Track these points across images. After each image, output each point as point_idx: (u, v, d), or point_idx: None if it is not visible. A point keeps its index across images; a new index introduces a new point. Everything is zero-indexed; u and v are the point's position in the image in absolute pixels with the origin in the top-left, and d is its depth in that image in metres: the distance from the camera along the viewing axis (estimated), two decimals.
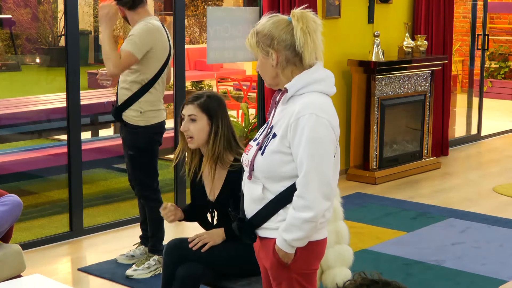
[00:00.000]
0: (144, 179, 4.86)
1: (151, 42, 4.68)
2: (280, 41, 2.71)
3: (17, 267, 4.14)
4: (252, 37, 2.75)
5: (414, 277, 4.86)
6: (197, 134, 3.46)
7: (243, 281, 3.58)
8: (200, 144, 3.50)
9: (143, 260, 4.90)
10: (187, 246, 3.52)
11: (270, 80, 2.79)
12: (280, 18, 2.76)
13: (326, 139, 2.67)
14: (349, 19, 7.55)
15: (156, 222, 4.88)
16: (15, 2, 14.28)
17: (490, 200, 6.83)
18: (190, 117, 3.46)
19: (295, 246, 2.69)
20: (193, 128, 3.45)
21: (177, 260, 3.52)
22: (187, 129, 3.46)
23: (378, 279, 1.72)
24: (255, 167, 2.75)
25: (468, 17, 11.87)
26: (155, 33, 4.71)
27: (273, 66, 2.74)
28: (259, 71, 2.80)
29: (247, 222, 2.80)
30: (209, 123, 3.46)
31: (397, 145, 7.75)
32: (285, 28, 2.72)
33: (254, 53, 2.77)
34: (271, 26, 2.73)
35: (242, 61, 6.99)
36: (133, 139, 4.80)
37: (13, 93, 11.07)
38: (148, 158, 4.84)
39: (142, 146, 4.81)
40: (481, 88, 9.91)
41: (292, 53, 2.72)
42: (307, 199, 2.64)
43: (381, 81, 7.36)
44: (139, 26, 4.69)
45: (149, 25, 4.69)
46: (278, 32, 2.71)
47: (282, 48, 2.71)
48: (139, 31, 4.66)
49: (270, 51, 2.72)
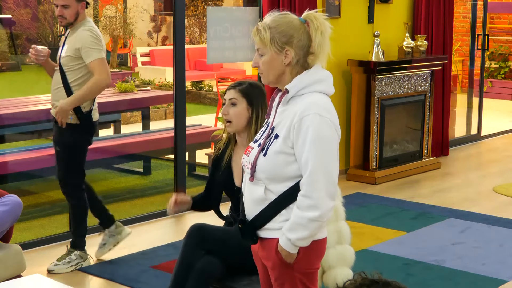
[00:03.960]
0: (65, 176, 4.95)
1: (102, 42, 4.89)
2: (299, 40, 2.72)
3: (17, 267, 4.14)
4: (265, 31, 2.72)
5: (414, 277, 4.86)
6: (236, 118, 3.52)
7: (244, 280, 3.59)
8: (238, 129, 3.55)
9: (64, 255, 4.98)
10: (211, 230, 3.65)
11: (274, 78, 2.77)
12: (293, 17, 2.76)
13: (331, 138, 2.68)
14: (349, 19, 7.55)
15: (77, 218, 4.99)
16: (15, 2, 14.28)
17: (490, 200, 6.82)
18: (231, 101, 3.53)
19: (299, 245, 2.69)
20: (232, 112, 3.52)
21: (199, 242, 3.62)
22: (227, 112, 3.53)
23: (378, 279, 1.72)
24: (257, 168, 2.74)
25: (468, 17, 11.87)
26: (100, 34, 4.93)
27: (284, 64, 2.74)
28: (262, 67, 2.76)
29: (249, 224, 2.80)
30: (249, 109, 3.53)
31: (397, 145, 7.75)
32: (301, 28, 2.73)
33: (261, 48, 2.74)
34: (287, 24, 2.73)
35: (242, 61, 6.99)
36: (62, 136, 4.91)
37: (13, 93, 11.08)
38: (72, 156, 4.96)
39: (68, 143, 4.89)
40: (481, 88, 9.91)
41: (305, 54, 2.74)
42: (313, 198, 2.64)
43: (381, 81, 7.36)
44: (86, 33, 4.82)
45: (94, 29, 4.87)
46: (296, 31, 2.72)
47: (298, 47, 2.72)
48: (91, 37, 4.80)
49: (286, 48, 2.71)
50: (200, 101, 12.90)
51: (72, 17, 4.81)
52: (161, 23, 18.22)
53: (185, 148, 6.41)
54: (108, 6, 15.17)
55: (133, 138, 7.89)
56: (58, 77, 4.87)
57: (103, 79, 4.77)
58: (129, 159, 7.85)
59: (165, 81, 13.28)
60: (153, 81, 13.29)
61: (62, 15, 4.78)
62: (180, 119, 6.24)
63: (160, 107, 10.72)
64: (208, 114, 11.24)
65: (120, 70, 13.86)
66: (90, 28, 4.83)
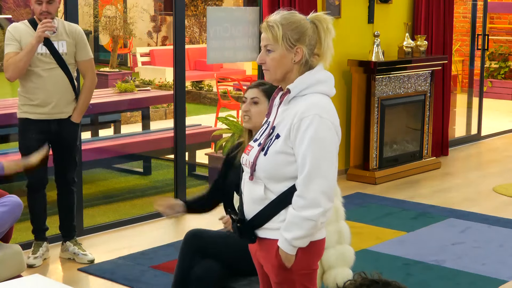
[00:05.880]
0: (74, 172, 5.09)
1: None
2: (310, 39, 2.73)
3: (17, 267, 4.14)
4: (278, 28, 2.70)
5: (414, 277, 4.86)
6: (256, 116, 3.52)
7: (244, 281, 3.58)
8: (256, 126, 3.54)
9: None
10: (208, 237, 3.61)
11: (280, 75, 2.76)
12: (301, 16, 2.77)
13: (330, 140, 2.68)
14: (349, 19, 7.55)
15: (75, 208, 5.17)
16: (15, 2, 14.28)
17: (490, 200, 6.82)
18: (253, 100, 3.54)
19: (297, 246, 2.68)
20: (254, 110, 3.53)
21: (196, 249, 3.60)
22: (248, 109, 3.54)
23: (378, 279, 1.72)
24: (257, 167, 2.74)
25: (468, 17, 11.87)
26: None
27: (293, 62, 2.73)
28: (269, 63, 2.74)
29: (247, 223, 2.80)
30: None
31: (397, 145, 7.75)
32: (311, 28, 2.74)
33: (272, 44, 2.71)
34: (298, 23, 2.73)
35: (242, 61, 7.00)
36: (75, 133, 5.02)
37: (13, 93, 11.06)
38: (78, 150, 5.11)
39: (76, 139, 5.05)
40: (481, 88, 9.91)
41: (311, 54, 2.75)
42: (307, 199, 2.64)
43: (381, 81, 7.36)
44: (79, 29, 4.95)
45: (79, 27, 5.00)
46: (307, 30, 2.73)
47: (309, 46, 2.73)
48: (82, 35, 4.91)
49: (297, 46, 2.71)
50: (200, 101, 12.90)
51: (55, 12, 4.82)
52: (161, 23, 18.21)
53: (185, 148, 6.41)
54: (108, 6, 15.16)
55: (133, 138, 7.90)
56: (58, 77, 4.83)
57: (95, 79, 5.00)
58: (129, 159, 7.85)
59: (165, 81, 13.28)
60: (153, 81, 13.29)
61: (47, 10, 4.76)
62: (180, 119, 6.24)
63: (160, 107, 10.72)
64: (208, 114, 11.24)
65: (120, 70, 13.86)
66: (76, 25, 4.97)
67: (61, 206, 5.10)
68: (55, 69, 4.82)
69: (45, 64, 4.79)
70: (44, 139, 4.84)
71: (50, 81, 4.82)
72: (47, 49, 4.78)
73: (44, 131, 4.85)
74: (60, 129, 4.89)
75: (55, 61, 4.80)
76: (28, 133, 4.86)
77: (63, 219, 5.12)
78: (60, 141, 4.93)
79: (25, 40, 4.75)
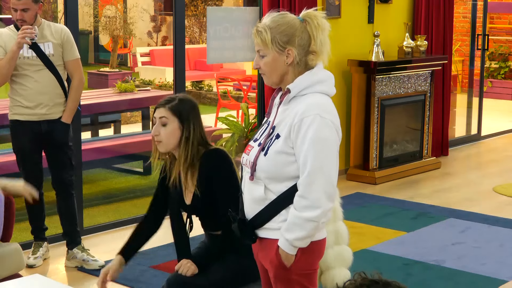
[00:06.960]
0: (72, 172, 5.10)
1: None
2: (300, 39, 2.71)
3: (16, 265, 4.13)
4: (266, 32, 2.70)
5: (414, 277, 4.86)
6: (167, 138, 3.34)
7: None
8: (169, 148, 3.38)
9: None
10: (190, 282, 3.31)
11: (277, 78, 2.77)
12: (292, 16, 2.76)
13: (331, 139, 2.68)
14: (349, 19, 7.55)
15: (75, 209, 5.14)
16: None
17: (490, 200, 6.82)
18: (161, 120, 3.34)
19: (297, 246, 2.68)
20: (163, 133, 3.34)
21: None
22: (158, 133, 3.35)
23: (378, 279, 1.72)
24: (257, 167, 2.74)
25: (468, 17, 11.87)
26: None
27: (286, 64, 2.73)
28: (264, 68, 2.75)
29: (248, 223, 2.80)
30: (180, 127, 3.36)
31: (397, 145, 7.75)
32: (301, 27, 2.72)
33: (262, 49, 2.72)
34: (287, 24, 2.72)
35: (242, 61, 7.00)
36: (67, 134, 5.02)
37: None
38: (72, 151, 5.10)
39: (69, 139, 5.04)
40: (481, 88, 9.91)
41: (306, 53, 2.73)
42: (309, 199, 2.63)
43: (381, 81, 7.36)
44: (66, 31, 4.94)
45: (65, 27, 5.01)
46: (296, 30, 2.71)
47: (300, 46, 2.72)
48: (68, 35, 4.92)
49: (288, 47, 2.70)
50: (200, 101, 12.91)
51: (32, 19, 4.78)
52: (161, 23, 18.22)
53: None
54: (108, 6, 15.17)
55: (133, 138, 7.89)
56: (46, 79, 4.83)
57: (83, 79, 5.02)
58: (129, 159, 7.85)
59: (165, 81, 13.29)
60: (153, 81, 13.30)
61: (22, 18, 4.75)
62: None
63: None
64: (208, 114, 11.23)
65: (120, 70, 13.87)
66: (61, 25, 4.99)
67: (62, 212, 5.05)
68: (43, 71, 4.82)
69: (33, 67, 4.80)
70: (36, 140, 4.87)
71: (39, 83, 4.82)
72: (34, 52, 4.79)
73: (35, 132, 4.86)
74: (51, 130, 4.89)
75: (42, 63, 4.81)
76: (20, 134, 4.88)
77: (66, 226, 5.07)
78: (52, 142, 4.93)
79: (10, 45, 4.76)
